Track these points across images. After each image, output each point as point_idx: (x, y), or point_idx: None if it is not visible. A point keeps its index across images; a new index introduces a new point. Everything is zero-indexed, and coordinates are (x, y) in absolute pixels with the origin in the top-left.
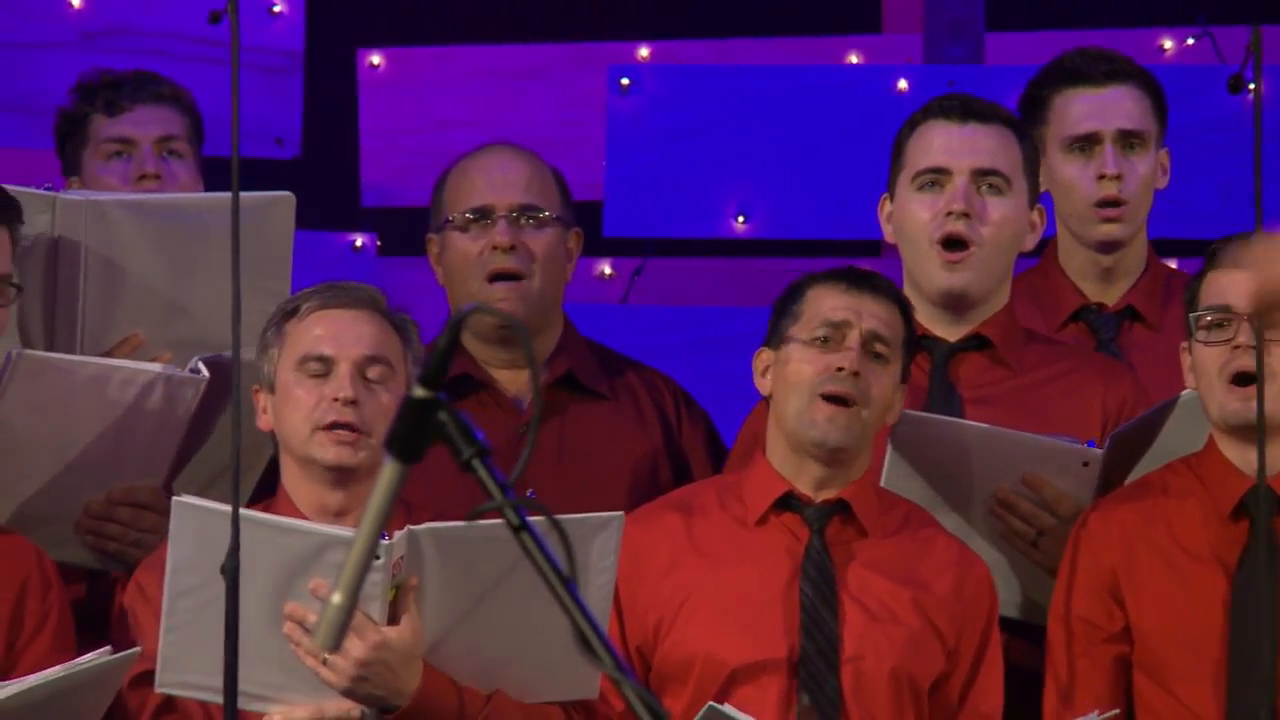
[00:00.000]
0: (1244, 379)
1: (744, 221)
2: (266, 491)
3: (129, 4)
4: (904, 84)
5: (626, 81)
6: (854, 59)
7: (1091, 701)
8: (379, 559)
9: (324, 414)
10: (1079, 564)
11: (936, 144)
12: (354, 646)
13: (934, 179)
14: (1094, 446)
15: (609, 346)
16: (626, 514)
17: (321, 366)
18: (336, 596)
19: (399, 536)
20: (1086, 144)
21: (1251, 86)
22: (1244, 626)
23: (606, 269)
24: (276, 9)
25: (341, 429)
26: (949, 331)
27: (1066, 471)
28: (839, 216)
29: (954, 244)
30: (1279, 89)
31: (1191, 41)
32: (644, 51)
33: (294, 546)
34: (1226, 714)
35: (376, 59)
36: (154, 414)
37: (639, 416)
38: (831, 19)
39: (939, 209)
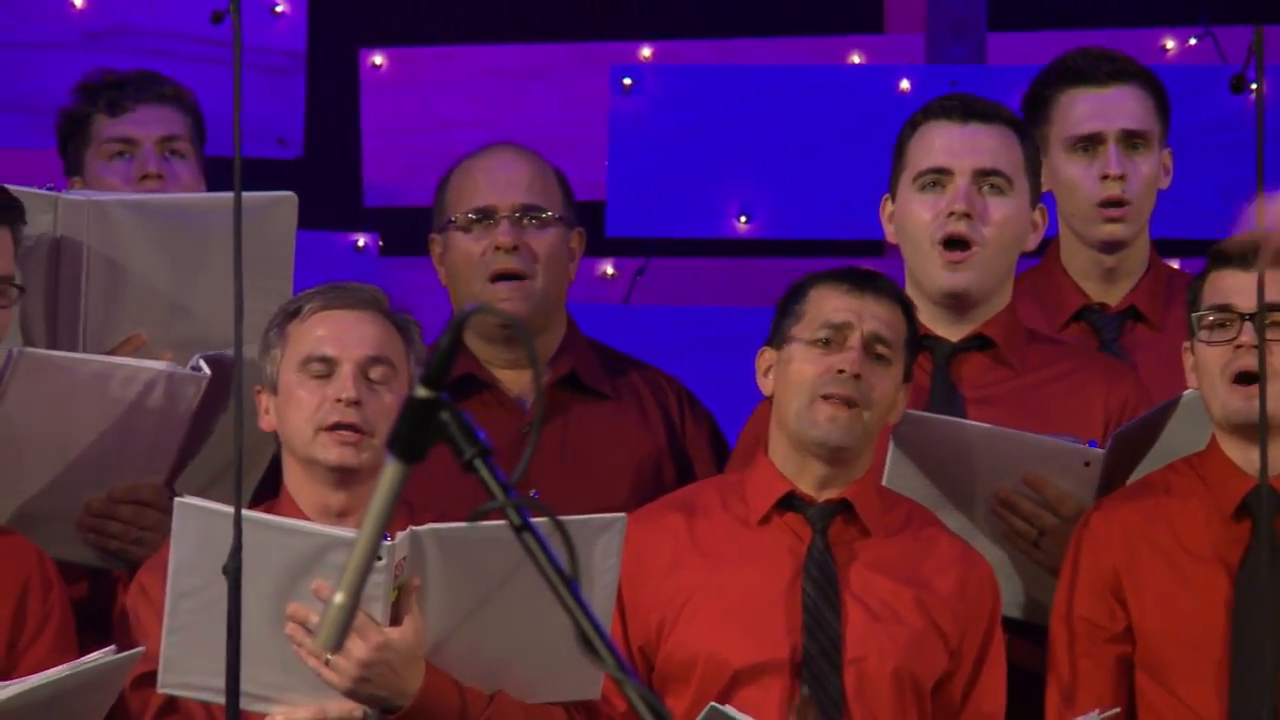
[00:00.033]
0: (1246, 378)
1: (746, 221)
2: (269, 492)
3: (131, 4)
4: (906, 84)
5: (629, 81)
6: (856, 59)
7: (1093, 701)
8: (381, 560)
9: (327, 415)
10: (1081, 564)
11: (938, 144)
12: (356, 647)
13: (935, 179)
14: (1095, 446)
15: (612, 346)
16: (629, 514)
17: (324, 367)
18: (339, 596)
19: (401, 537)
20: (1090, 144)
21: (1254, 86)
22: (1246, 626)
23: (609, 269)
24: (279, 9)
25: (344, 429)
26: (951, 331)
27: (1068, 471)
28: (841, 216)
29: (955, 244)
30: None
31: (1193, 41)
32: (646, 51)
33: (296, 547)
34: (1229, 714)
35: (379, 59)
36: (155, 412)
37: (642, 416)
38: (834, 19)
39: (940, 209)
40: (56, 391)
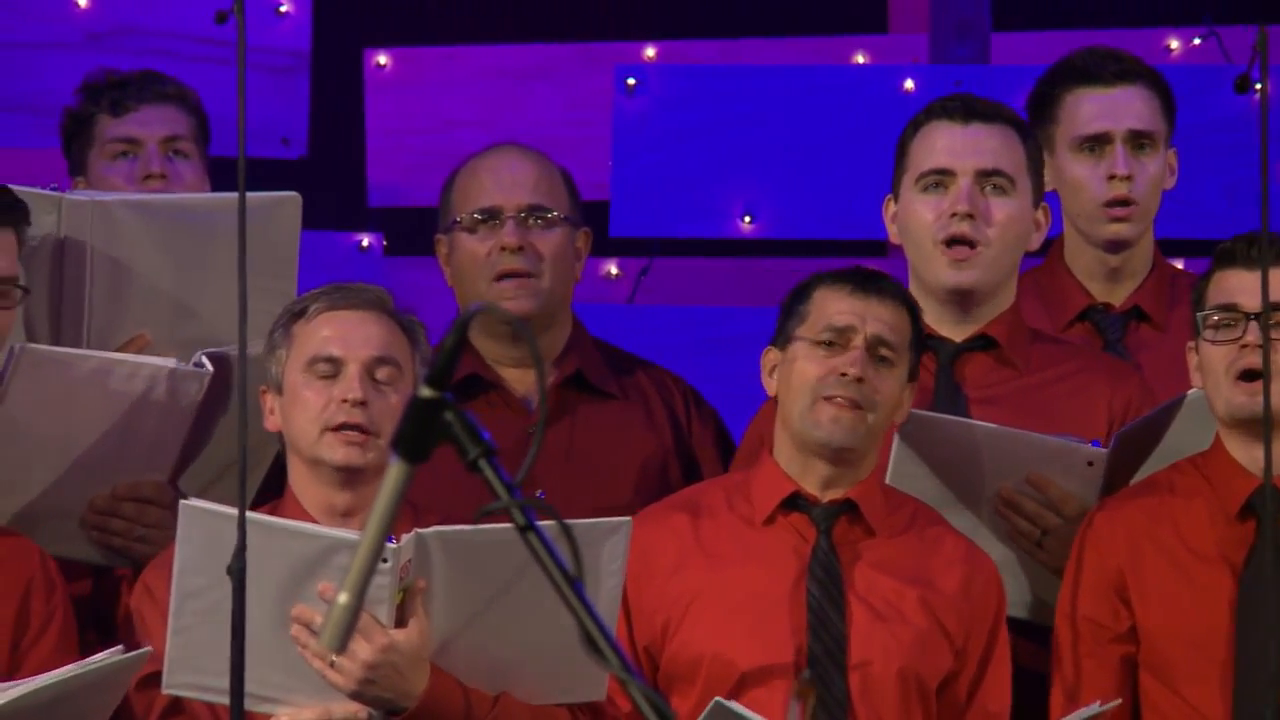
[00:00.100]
0: (1251, 376)
1: (750, 221)
2: (273, 492)
3: (135, 4)
4: (910, 84)
5: (633, 81)
6: (860, 59)
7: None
8: (386, 562)
9: (333, 415)
10: (1085, 564)
11: (940, 145)
12: (361, 649)
13: (938, 180)
14: (1098, 446)
15: (617, 346)
16: (630, 513)
17: (330, 368)
18: (343, 597)
19: (406, 540)
20: (1096, 144)
21: (1258, 86)
22: (1250, 626)
23: (613, 269)
24: (283, 9)
25: (350, 430)
26: (955, 331)
27: (1071, 471)
28: (845, 216)
29: (959, 244)
30: None
31: (1198, 41)
32: (650, 51)
33: (301, 550)
34: (1233, 714)
35: (383, 59)
36: (158, 408)
37: (648, 416)
38: (838, 19)
39: (943, 210)
40: (58, 388)
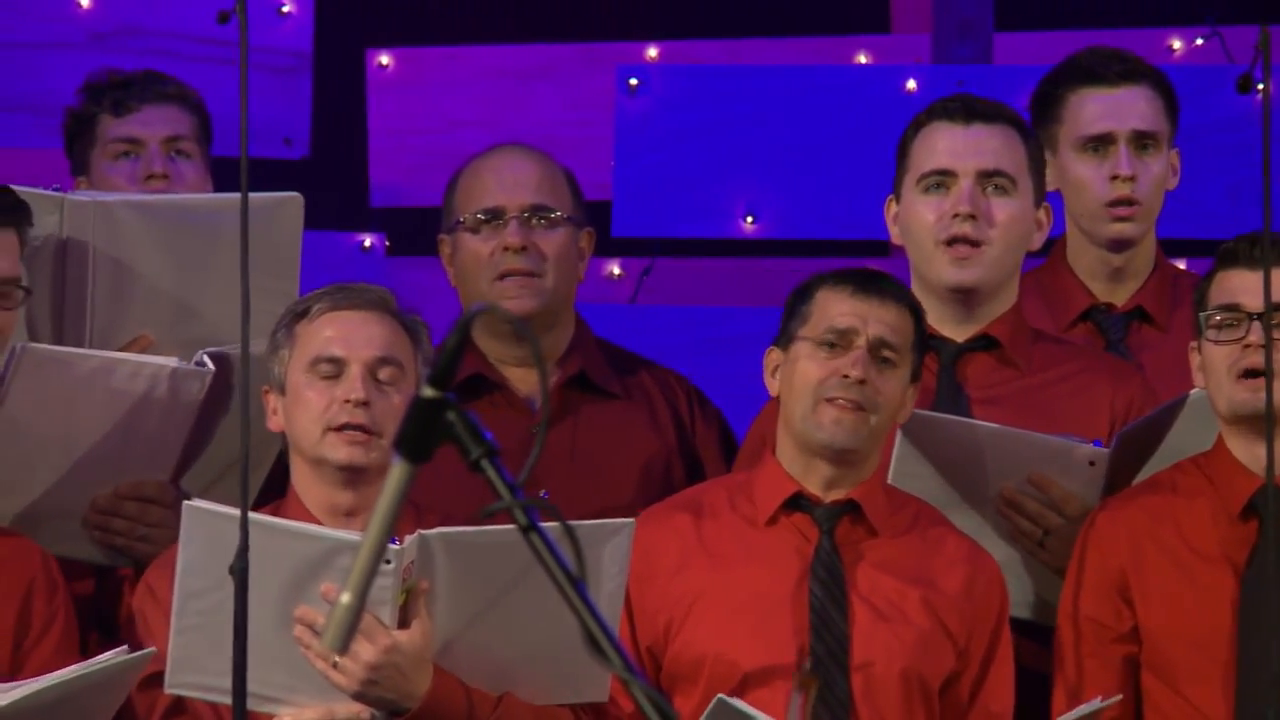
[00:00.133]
0: (1254, 375)
1: (752, 222)
2: (276, 493)
3: (137, 4)
4: (913, 84)
5: (635, 81)
6: (862, 59)
7: None
8: (389, 563)
9: (335, 415)
10: (1087, 564)
11: (941, 146)
12: (364, 650)
13: (939, 181)
14: (1100, 446)
15: (621, 346)
16: (634, 513)
17: (333, 368)
18: (345, 597)
19: (410, 541)
20: (1100, 144)
21: (1260, 86)
22: (1253, 626)
23: (615, 269)
24: (285, 9)
25: (353, 430)
26: (957, 332)
27: (1073, 471)
28: (848, 217)
29: (961, 243)
30: None
31: (1200, 41)
32: (652, 51)
33: (304, 551)
34: (1235, 714)
35: (385, 59)
36: (160, 407)
37: (652, 416)
38: (840, 19)
39: (945, 210)
40: (60, 387)
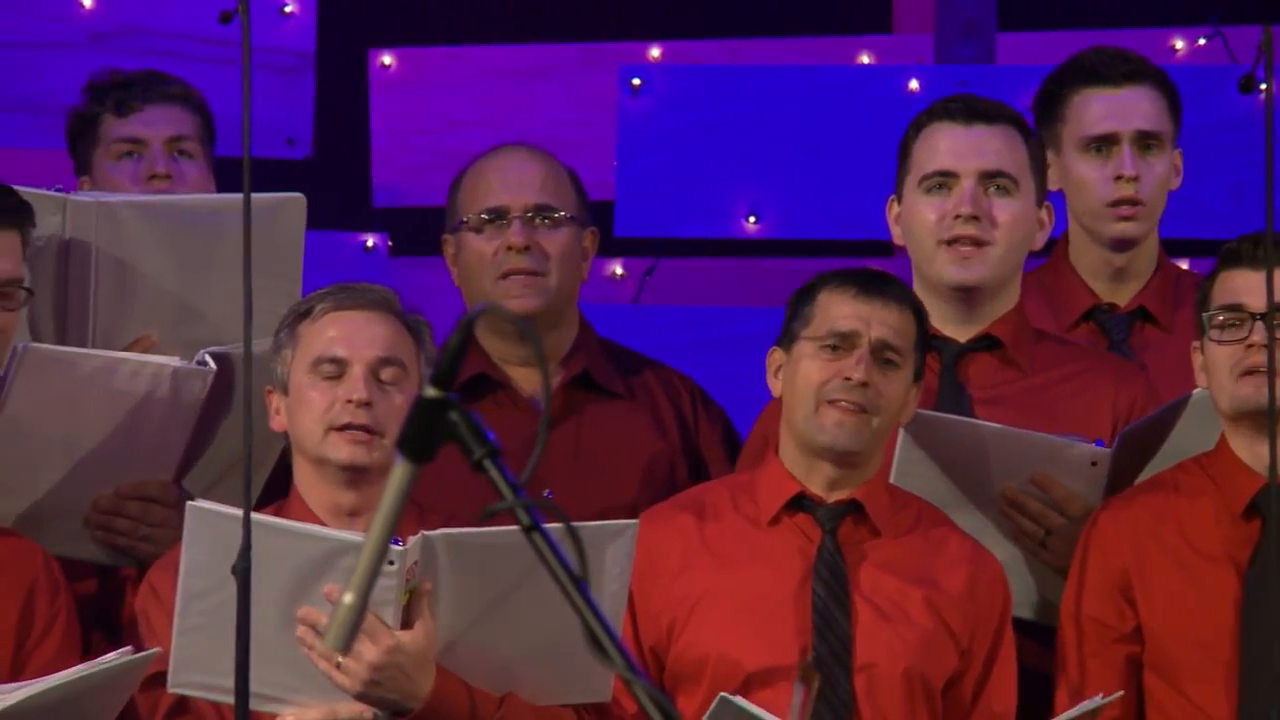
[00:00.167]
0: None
1: (755, 222)
2: (279, 493)
3: (140, 4)
4: (915, 84)
5: (637, 82)
6: (865, 59)
7: None
8: (393, 564)
9: (337, 415)
10: (1090, 564)
11: (942, 147)
12: (367, 650)
13: (941, 182)
14: (1102, 446)
15: (624, 346)
16: (638, 513)
17: (335, 368)
18: (347, 597)
19: (413, 542)
20: (1104, 144)
21: (1263, 86)
22: (1255, 626)
23: (618, 269)
24: (288, 9)
25: (355, 430)
26: (959, 332)
27: (1075, 471)
28: (850, 217)
29: (964, 243)
30: None
31: (1203, 41)
32: (655, 52)
33: (307, 551)
34: (1238, 714)
35: (388, 59)
36: (162, 407)
37: (656, 416)
38: (842, 19)
39: (947, 211)
40: (62, 387)
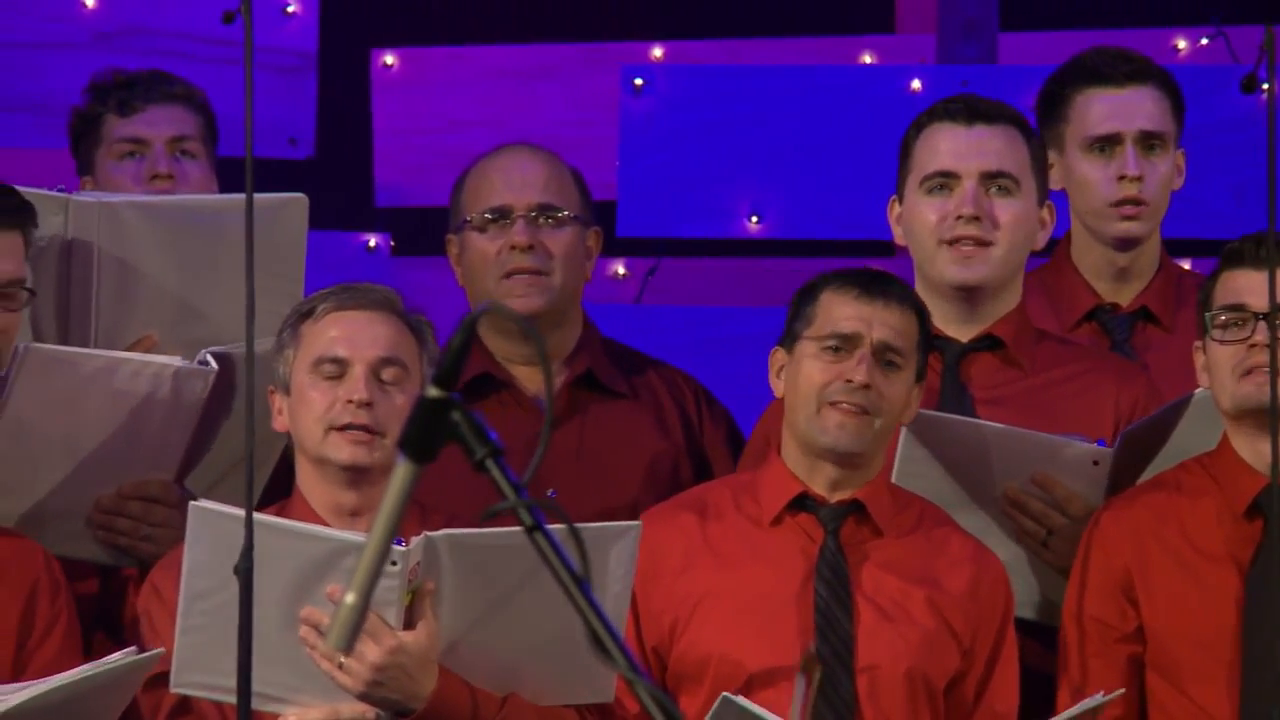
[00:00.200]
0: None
1: (757, 221)
2: (281, 493)
3: (142, 4)
4: (917, 84)
5: (640, 81)
6: (867, 59)
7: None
8: (395, 565)
9: (338, 415)
10: (1092, 563)
11: (943, 147)
12: (370, 651)
13: (942, 182)
14: (1103, 445)
15: (628, 346)
16: (641, 513)
17: (336, 368)
18: (349, 597)
19: (416, 542)
20: (1107, 144)
21: (1265, 86)
22: (1257, 626)
23: (620, 269)
24: (290, 9)
25: (356, 430)
26: (961, 332)
27: (1077, 471)
28: (852, 217)
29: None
30: None
31: (1205, 41)
32: (657, 52)
33: (310, 551)
34: (1240, 714)
35: (390, 59)
36: (163, 407)
37: (660, 416)
38: (845, 19)
39: (948, 211)
40: (64, 387)
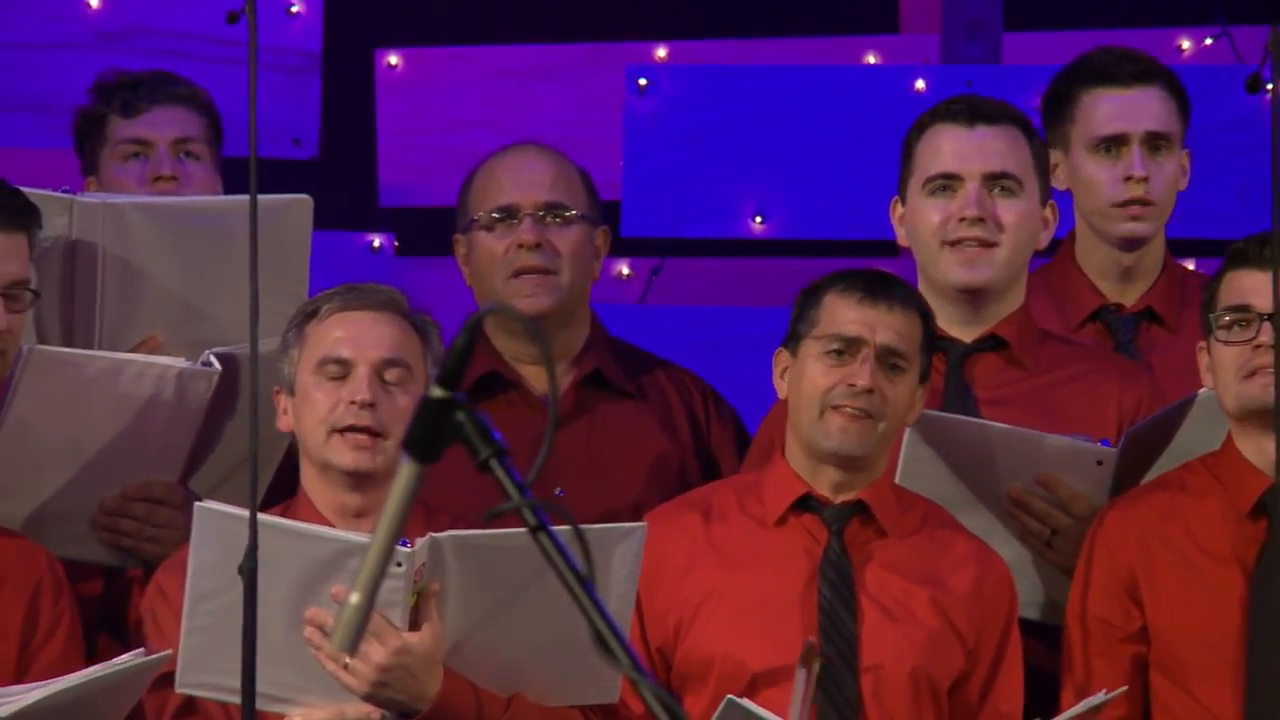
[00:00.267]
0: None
1: (761, 222)
2: (286, 492)
3: (146, 4)
4: (922, 84)
5: (644, 82)
6: (871, 59)
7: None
8: (400, 566)
9: (341, 416)
10: (1096, 563)
11: (946, 149)
12: (375, 651)
13: (945, 184)
14: (1107, 445)
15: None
16: (646, 513)
17: (340, 369)
18: (353, 597)
19: (421, 544)
20: (1113, 144)
21: (1270, 86)
22: (1262, 626)
23: (624, 269)
24: (294, 9)
25: (359, 433)
26: (964, 332)
27: (1081, 470)
28: (856, 217)
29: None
30: None
31: (1210, 41)
32: (661, 52)
33: (314, 552)
34: (1244, 714)
35: (394, 59)
36: (167, 408)
37: (667, 416)
38: (849, 19)
39: (951, 213)
40: (67, 389)
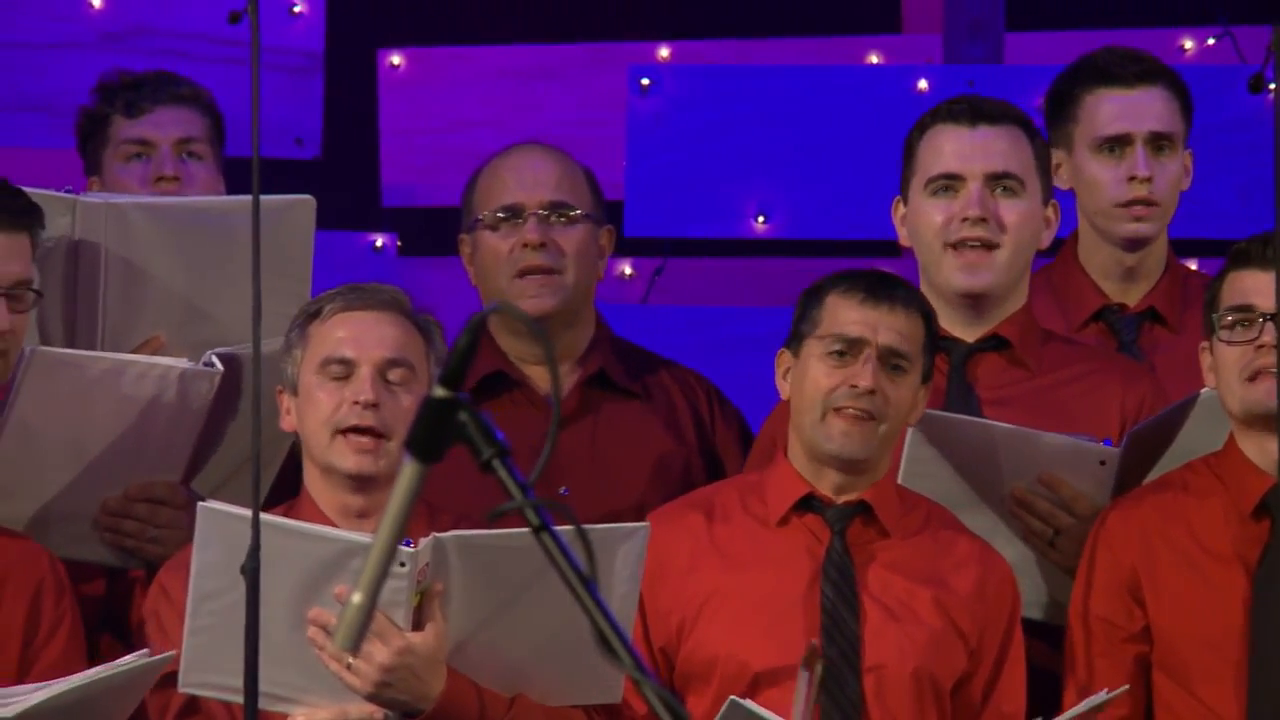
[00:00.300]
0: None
1: (764, 222)
2: (289, 492)
3: (149, 4)
4: (924, 84)
5: (647, 82)
6: (874, 59)
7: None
8: (404, 566)
9: (344, 417)
10: (1098, 563)
11: (948, 149)
12: (378, 652)
13: (947, 184)
14: (1110, 445)
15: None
16: (649, 513)
17: (343, 369)
18: (356, 597)
19: (424, 544)
20: (1117, 144)
21: (1272, 86)
22: (1264, 625)
23: (627, 269)
24: (297, 9)
25: (362, 434)
26: (967, 332)
27: (1083, 470)
28: (859, 217)
29: (973, 247)
30: None
31: (1212, 41)
32: (664, 52)
33: (318, 552)
34: (1247, 714)
35: (396, 59)
36: (169, 409)
37: (672, 415)
38: (851, 19)
39: (953, 213)
40: (70, 390)
